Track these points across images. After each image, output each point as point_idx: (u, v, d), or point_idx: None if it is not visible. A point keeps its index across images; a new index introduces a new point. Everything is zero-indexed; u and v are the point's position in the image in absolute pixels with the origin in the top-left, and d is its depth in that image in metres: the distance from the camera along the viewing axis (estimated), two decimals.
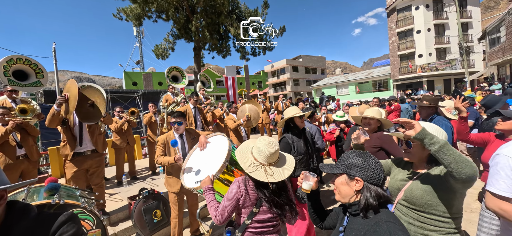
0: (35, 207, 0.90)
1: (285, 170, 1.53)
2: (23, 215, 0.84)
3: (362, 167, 1.05)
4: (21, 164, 3.20)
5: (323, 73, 45.21)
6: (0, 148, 3.01)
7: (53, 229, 0.85)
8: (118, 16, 10.92)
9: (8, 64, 3.39)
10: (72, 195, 1.86)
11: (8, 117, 3.07)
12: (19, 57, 3.51)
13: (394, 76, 25.00)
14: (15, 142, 3.15)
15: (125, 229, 3.19)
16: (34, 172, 3.36)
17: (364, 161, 1.06)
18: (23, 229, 0.81)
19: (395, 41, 24.97)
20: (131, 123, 4.93)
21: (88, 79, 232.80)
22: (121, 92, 13.86)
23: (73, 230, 0.87)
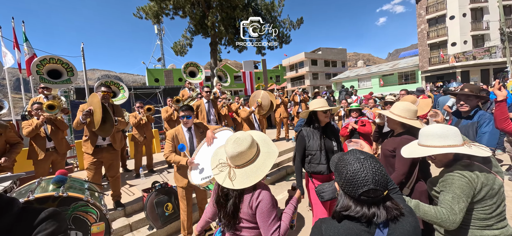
0: (20, 202, 0.87)
1: (251, 176, 1.27)
2: (6, 210, 0.82)
3: (340, 173, 0.93)
4: (51, 156, 3.49)
5: (344, 66, 43.41)
6: (33, 139, 3.36)
7: (34, 224, 0.82)
8: (138, 15, 11.32)
9: (42, 64, 3.65)
10: (79, 188, 1.91)
11: (41, 112, 3.39)
12: (52, 57, 3.78)
13: (423, 67, 23.18)
14: (45, 135, 3.44)
15: (139, 220, 3.28)
16: (62, 163, 3.66)
17: (345, 168, 0.91)
18: (5, 224, 0.79)
19: (424, 29, 23.06)
20: (149, 118, 5.09)
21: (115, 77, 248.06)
22: (143, 88, 14.47)
23: (52, 227, 0.83)
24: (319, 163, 2.18)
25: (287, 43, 14.64)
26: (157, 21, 11.40)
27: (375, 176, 0.85)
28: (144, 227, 3.23)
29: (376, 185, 0.84)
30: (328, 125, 2.33)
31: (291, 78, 41.74)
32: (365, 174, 0.85)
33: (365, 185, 0.85)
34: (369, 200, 0.86)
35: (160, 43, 28.53)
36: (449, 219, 1.18)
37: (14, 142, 3.00)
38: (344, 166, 0.92)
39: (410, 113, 1.87)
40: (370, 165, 0.87)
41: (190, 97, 5.53)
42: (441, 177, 1.32)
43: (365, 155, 0.92)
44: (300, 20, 14.51)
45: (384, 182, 0.87)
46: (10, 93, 9.14)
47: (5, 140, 2.89)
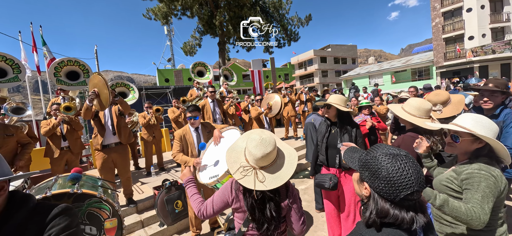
0: (35, 198, 0.92)
1: (281, 174, 1.25)
2: (22, 205, 0.87)
3: (374, 173, 0.79)
4: (65, 154, 3.68)
5: (354, 63, 42.53)
6: (50, 138, 3.56)
7: (47, 220, 0.86)
8: (147, 16, 11.56)
9: (60, 66, 3.80)
10: (93, 186, 1.98)
11: (58, 112, 3.60)
12: (70, 60, 3.93)
13: (438, 62, 22.33)
14: (61, 134, 3.63)
15: (150, 217, 3.36)
16: (76, 162, 3.83)
17: (380, 166, 0.77)
18: (20, 219, 0.84)
19: (439, 23, 22.19)
20: (157, 119, 5.20)
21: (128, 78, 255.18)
22: (154, 88, 14.81)
23: (65, 222, 0.87)
24: (321, 153, 2.37)
25: (295, 41, 14.54)
26: (166, 22, 11.61)
27: (420, 176, 0.74)
28: (155, 224, 3.31)
29: (420, 186, 0.74)
30: (342, 122, 2.28)
31: (300, 76, 41.35)
32: (409, 174, 0.73)
33: (409, 187, 0.72)
34: (410, 203, 0.75)
35: (170, 44, 29.07)
36: (480, 218, 1.11)
37: (25, 142, 3.13)
38: (379, 165, 0.78)
39: (421, 112, 1.80)
40: (412, 164, 0.75)
41: (198, 97, 5.60)
42: (458, 174, 1.24)
43: (403, 151, 0.80)
44: (308, 17, 14.35)
45: (424, 181, 0.77)
46: (29, 95, 9.59)
47: (16, 140, 3.02)
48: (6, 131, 2.89)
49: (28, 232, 0.83)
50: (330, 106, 2.25)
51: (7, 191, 0.86)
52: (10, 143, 2.90)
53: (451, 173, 1.29)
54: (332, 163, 2.30)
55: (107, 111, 3.31)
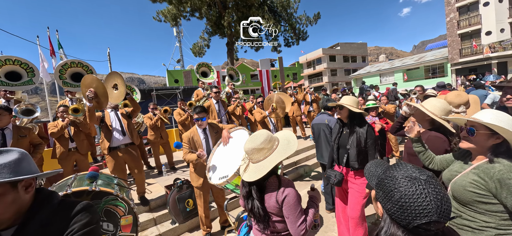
0: (58, 195, 0.98)
1: (258, 170, 1.31)
2: (48, 201, 0.93)
3: (387, 194, 0.73)
4: (73, 155, 3.78)
5: (364, 61, 41.69)
6: (58, 140, 3.66)
7: (70, 215, 0.91)
8: (157, 18, 11.81)
9: (64, 69, 3.92)
10: (109, 184, 2.07)
11: (66, 114, 3.69)
12: (72, 61, 4.04)
13: (453, 59, 21.53)
14: (68, 135, 3.74)
15: (162, 215, 3.45)
16: (85, 161, 3.93)
17: (394, 188, 0.71)
18: (47, 214, 0.90)
19: (454, 18, 21.38)
20: (163, 120, 5.28)
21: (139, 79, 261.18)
22: (163, 89, 15.11)
23: (87, 218, 0.92)
24: (334, 152, 2.43)
25: (304, 40, 14.43)
26: (175, 24, 11.81)
27: (442, 205, 0.65)
28: (167, 222, 3.39)
29: (441, 216, 0.64)
30: (350, 122, 2.29)
31: (309, 75, 40.97)
32: (428, 202, 0.65)
33: (425, 216, 0.65)
34: (427, 233, 0.68)
35: (179, 45, 29.50)
36: None
37: (37, 143, 3.26)
38: (394, 186, 0.71)
39: (443, 112, 1.76)
40: (435, 190, 0.66)
41: (204, 97, 5.64)
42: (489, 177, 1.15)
43: (425, 174, 0.70)
44: (317, 15, 14.21)
45: (449, 211, 0.66)
46: (47, 96, 10.02)
47: (29, 141, 3.15)
48: (19, 132, 3.02)
49: (54, 227, 0.89)
50: (343, 107, 2.26)
51: (34, 188, 0.92)
52: (24, 144, 3.02)
53: (474, 177, 1.20)
54: (340, 162, 2.38)
55: (114, 115, 3.39)
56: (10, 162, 0.84)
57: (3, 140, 2.85)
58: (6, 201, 0.82)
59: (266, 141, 1.35)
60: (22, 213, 0.87)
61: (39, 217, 0.88)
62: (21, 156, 0.89)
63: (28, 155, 0.93)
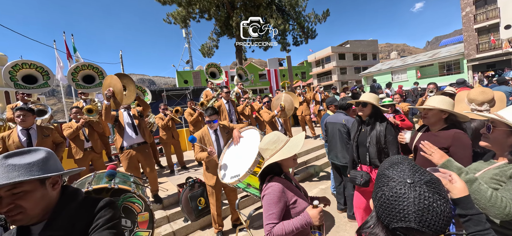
0: (83, 192, 1.03)
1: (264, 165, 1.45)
2: (73, 198, 0.98)
3: (376, 190, 0.73)
4: (89, 155, 3.91)
5: (375, 58, 40.78)
6: (73, 140, 3.80)
7: (95, 211, 0.96)
8: (167, 21, 12.03)
9: (76, 71, 4.08)
10: (126, 181, 2.14)
11: (80, 115, 3.83)
12: (84, 64, 4.20)
13: (469, 55, 20.69)
14: (84, 136, 3.88)
15: (175, 212, 3.53)
16: (100, 160, 4.05)
17: (382, 185, 0.70)
18: (72, 210, 0.95)
19: (470, 12, 20.53)
20: (175, 120, 5.40)
21: (149, 80, 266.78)
22: (173, 90, 15.41)
23: (110, 214, 0.97)
24: (353, 151, 2.40)
25: (313, 38, 14.29)
26: (185, 25, 12.00)
27: (424, 214, 0.62)
28: (180, 219, 3.47)
29: (421, 225, 0.62)
30: (373, 120, 2.28)
31: (317, 74, 40.51)
32: (405, 207, 0.63)
33: (401, 220, 0.63)
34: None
35: (188, 46, 29.88)
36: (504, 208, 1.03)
37: (59, 142, 3.43)
38: (384, 182, 0.71)
39: (451, 106, 1.71)
40: (419, 196, 0.63)
41: (214, 98, 5.71)
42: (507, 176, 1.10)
43: (419, 180, 0.67)
44: (326, 13, 14.04)
45: (438, 225, 0.62)
46: (63, 98, 10.42)
47: (52, 140, 3.32)
48: (43, 132, 3.19)
49: (79, 222, 0.94)
50: (366, 104, 2.23)
51: (60, 185, 0.98)
52: (47, 143, 3.20)
53: (495, 171, 1.17)
54: (363, 161, 2.32)
55: (126, 115, 3.49)
56: (38, 160, 0.90)
57: (29, 139, 3.04)
58: (36, 197, 0.88)
59: (270, 142, 1.44)
60: (50, 208, 0.93)
61: (65, 213, 0.93)
62: (48, 155, 0.94)
63: (53, 154, 0.98)
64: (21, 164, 0.85)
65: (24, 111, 2.98)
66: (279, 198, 1.31)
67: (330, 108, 3.76)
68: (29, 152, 0.91)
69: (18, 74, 3.95)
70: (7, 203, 0.83)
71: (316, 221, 1.26)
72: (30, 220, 0.88)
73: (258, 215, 3.54)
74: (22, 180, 0.82)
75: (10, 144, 2.94)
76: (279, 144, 1.43)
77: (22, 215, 0.85)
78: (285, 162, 1.42)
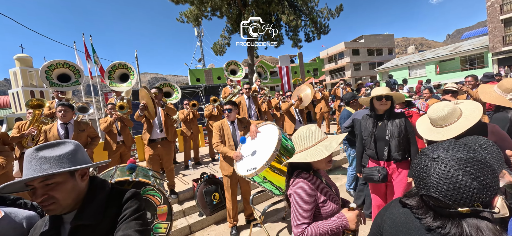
0: (109, 183, 1.07)
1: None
2: (101, 189, 1.02)
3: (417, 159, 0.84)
4: (120, 148, 4.19)
5: (390, 53, 39.34)
6: (108, 134, 4.09)
7: (122, 201, 1.00)
8: (180, 20, 12.21)
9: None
10: (146, 175, 2.21)
11: (113, 111, 4.14)
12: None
13: (495, 48, 19.44)
14: (116, 130, 4.17)
15: (190, 207, 3.61)
16: (128, 154, 4.35)
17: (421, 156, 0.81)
18: (101, 200, 0.99)
19: (496, 2, 19.24)
20: (194, 114, 5.53)
21: (162, 79, 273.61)
22: (186, 88, 15.71)
23: (136, 205, 1.00)
24: (369, 147, 2.32)
25: (325, 34, 13.98)
26: (197, 24, 12.13)
27: (441, 184, 0.69)
28: (195, 213, 3.54)
29: (440, 194, 0.69)
30: (386, 113, 2.26)
31: (330, 70, 39.71)
32: (426, 177, 0.73)
33: (424, 189, 0.74)
34: (436, 208, 0.74)
35: (200, 44, 30.24)
36: None
37: (94, 136, 3.65)
38: (420, 155, 0.81)
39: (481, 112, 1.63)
40: (439, 169, 0.71)
41: (231, 94, 5.79)
42: None
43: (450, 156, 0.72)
44: (339, 7, 13.67)
45: (459, 196, 0.67)
46: (83, 97, 10.90)
47: (87, 134, 3.54)
48: (79, 127, 3.42)
49: (107, 211, 0.98)
50: (389, 98, 2.21)
51: (88, 177, 1.02)
52: (83, 137, 3.43)
53: None
54: (381, 156, 2.26)
55: (157, 111, 3.69)
56: (68, 152, 0.93)
57: (67, 133, 3.29)
58: (67, 188, 0.92)
59: (301, 137, 1.33)
60: (80, 199, 0.97)
61: (95, 203, 0.97)
62: (76, 147, 0.98)
63: (81, 146, 1.02)
64: (52, 156, 0.89)
65: (65, 107, 3.24)
66: (308, 196, 1.22)
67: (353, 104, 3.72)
68: (59, 145, 0.95)
69: (53, 73, 4.20)
70: (41, 193, 0.87)
71: (352, 224, 1.22)
72: (63, 210, 0.92)
73: (272, 211, 3.54)
74: (54, 172, 0.86)
75: (50, 136, 3.19)
76: (309, 142, 1.30)
77: (55, 205, 0.89)
78: (317, 162, 1.29)
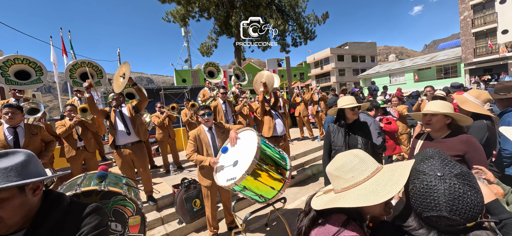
0: (67, 197, 0.97)
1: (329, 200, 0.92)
2: (57, 204, 0.91)
3: (412, 178, 0.80)
4: (82, 154, 3.78)
5: (373, 60, 40.95)
6: (66, 139, 3.67)
7: (80, 217, 0.90)
8: (166, 19, 11.93)
9: (74, 68, 3.96)
10: (117, 183, 2.07)
11: (74, 113, 3.69)
12: (83, 61, 4.07)
13: (467, 59, 20.84)
14: (76, 135, 3.75)
15: (169, 214, 3.46)
16: (94, 159, 3.92)
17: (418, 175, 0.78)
18: (55, 217, 0.88)
19: (468, 16, 20.68)
20: (171, 118, 5.31)
21: (147, 78, 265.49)
22: (171, 88, 15.30)
23: (96, 221, 0.91)
24: None
25: (312, 40, 14.28)
26: (184, 24, 11.92)
27: (455, 203, 0.67)
28: (174, 221, 3.40)
29: (452, 213, 0.67)
30: (355, 122, 2.32)
31: (316, 75, 40.57)
32: (437, 197, 0.69)
33: (433, 209, 0.70)
34: (440, 227, 0.72)
35: (187, 45, 29.75)
36: None
37: (49, 140, 3.29)
38: (416, 175, 0.77)
39: (452, 110, 1.66)
40: (449, 188, 0.69)
41: (211, 97, 5.62)
42: None
43: (449, 172, 0.72)
44: (325, 14, 14.03)
45: (469, 213, 0.67)
46: (59, 95, 10.28)
47: (41, 138, 3.18)
48: (31, 130, 3.05)
49: (63, 230, 0.87)
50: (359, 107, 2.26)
51: (42, 191, 0.91)
52: (36, 142, 3.07)
53: None
54: None
55: (119, 113, 3.34)
56: (16, 164, 0.82)
57: (16, 138, 2.89)
58: (14, 205, 0.80)
59: (346, 169, 0.89)
60: (31, 216, 0.86)
61: (50, 221, 0.86)
62: (28, 158, 0.86)
63: (35, 156, 0.91)
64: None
65: (13, 108, 2.84)
66: None
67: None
68: (7, 155, 0.84)
69: (10, 69, 3.81)
70: None
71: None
72: (8, 230, 0.81)
73: (254, 218, 3.49)
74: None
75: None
76: (360, 174, 0.87)
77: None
78: (371, 207, 0.87)
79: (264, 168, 2.12)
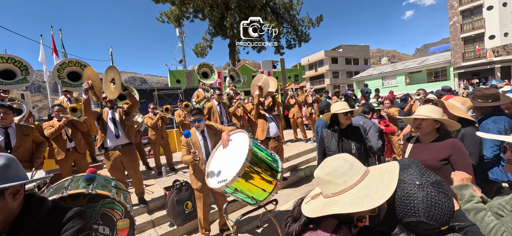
0: (50, 201, 0.95)
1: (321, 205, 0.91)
2: (38, 209, 0.89)
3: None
4: (72, 155, 3.68)
5: (366, 63, 41.60)
6: (55, 140, 3.56)
7: (62, 222, 0.88)
8: (160, 20, 11.85)
9: (62, 68, 3.88)
10: (106, 186, 2.03)
11: (62, 114, 3.59)
12: (70, 60, 3.99)
13: (456, 63, 21.41)
14: (66, 136, 3.64)
15: (161, 217, 3.42)
16: (84, 161, 3.83)
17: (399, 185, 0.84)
18: (36, 222, 0.86)
19: (457, 21, 21.27)
20: (164, 119, 5.25)
21: (141, 79, 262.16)
22: (165, 89, 15.14)
23: (78, 225, 0.89)
24: None
25: (306, 42, 14.42)
26: (178, 25, 11.85)
27: (433, 209, 0.74)
28: (165, 224, 3.36)
29: (429, 219, 0.74)
30: (349, 127, 2.34)
31: (310, 77, 40.92)
32: (416, 204, 0.75)
33: (413, 215, 0.76)
34: (418, 231, 0.78)
35: (181, 45, 29.55)
36: None
37: (40, 141, 3.21)
38: (399, 182, 0.81)
39: (441, 116, 1.71)
40: (427, 195, 0.75)
41: (205, 98, 5.60)
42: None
43: (427, 181, 0.79)
44: (319, 17, 14.19)
45: (444, 218, 0.74)
46: (49, 95, 10.04)
47: (32, 139, 3.11)
48: (22, 131, 2.98)
49: (48, 233, 0.86)
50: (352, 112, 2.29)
51: (22, 195, 0.89)
52: (27, 142, 3.00)
53: (500, 201, 1.13)
54: None
55: (110, 113, 3.28)
56: None
57: (7, 139, 2.83)
58: None
59: (337, 173, 0.88)
60: (10, 221, 0.84)
61: (31, 226, 0.84)
62: (8, 162, 0.85)
63: (15, 160, 0.89)
64: None
65: (5, 109, 2.79)
66: None
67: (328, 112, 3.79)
68: None
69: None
70: None
71: None
72: None
73: (246, 220, 3.48)
74: None
75: None
76: (351, 178, 0.86)
77: None
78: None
79: (256, 170, 2.12)
